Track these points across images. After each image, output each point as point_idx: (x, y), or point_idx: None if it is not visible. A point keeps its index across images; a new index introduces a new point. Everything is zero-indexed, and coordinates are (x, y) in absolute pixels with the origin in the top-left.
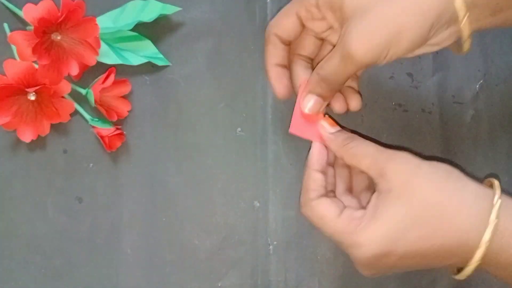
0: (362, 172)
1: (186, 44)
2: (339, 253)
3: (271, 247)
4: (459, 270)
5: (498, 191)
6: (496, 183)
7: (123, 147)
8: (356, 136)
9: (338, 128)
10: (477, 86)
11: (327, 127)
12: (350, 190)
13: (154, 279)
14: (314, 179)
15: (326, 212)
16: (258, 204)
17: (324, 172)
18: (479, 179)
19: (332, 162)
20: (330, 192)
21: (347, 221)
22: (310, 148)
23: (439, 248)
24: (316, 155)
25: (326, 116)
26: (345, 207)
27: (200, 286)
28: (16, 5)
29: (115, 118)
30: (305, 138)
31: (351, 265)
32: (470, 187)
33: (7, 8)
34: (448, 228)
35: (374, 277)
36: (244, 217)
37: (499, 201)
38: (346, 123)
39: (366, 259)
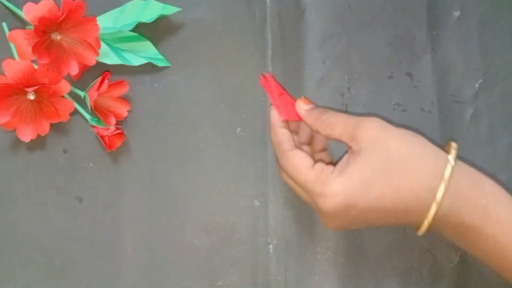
0: (338, 141)
1: (186, 45)
2: (339, 252)
3: (271, 246)
4: (418, 228)
5: (454, 152)
6: (454, 145)
7: (123, 147)
8: (329, 109)
9: (313, 105)
10: (477, 85)
11: (302, 106)
12: (324, 149)
13: (154, 278)
14: (282, 133)
15: (300, 162)
16: (258, 203)
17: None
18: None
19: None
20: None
21: (319, 172)
22: None
23: (399, 203)
24: (276, 116)
25: (302, 96)
26: (317, 161)
27: (200, 285)
28: (15, 5)
29: (113, 123)
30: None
31: (351, 264)
32: (431, 149)
33: (6, 7)
34: (408, 184)
35: (336, 231)
36: (244, 216)
37: (453, 162)
38: None
39: (331, 209)
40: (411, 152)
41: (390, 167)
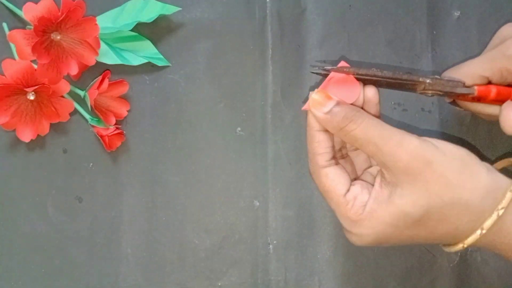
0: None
1: (186, 44)
2: (339, 252)
3: (271, 246)
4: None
5: (509, 196)
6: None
7: (123, 147)
8: (357, 112)
9: (333, 101)
10: None
11: (317, 108)
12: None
13: (154, 278)
14: (318, 141)
15: (332, 186)
16: (258, 203)
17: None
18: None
19: None
20: (339, 151)
21: (350, 205)
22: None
23: (433, 240)
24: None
25: (316, 90)
26: (352, 181)
27: (200, 285)
28: (15, 5)
29: (113, 122)
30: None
31: (351, 264)
32: (480, 190)
33: (7, 7)
34: (444, 229)
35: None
36: (244, 216)
37: (500, 213)
38: None
39: (360, 245)
40: (454, 200)
41: (426, 216)
